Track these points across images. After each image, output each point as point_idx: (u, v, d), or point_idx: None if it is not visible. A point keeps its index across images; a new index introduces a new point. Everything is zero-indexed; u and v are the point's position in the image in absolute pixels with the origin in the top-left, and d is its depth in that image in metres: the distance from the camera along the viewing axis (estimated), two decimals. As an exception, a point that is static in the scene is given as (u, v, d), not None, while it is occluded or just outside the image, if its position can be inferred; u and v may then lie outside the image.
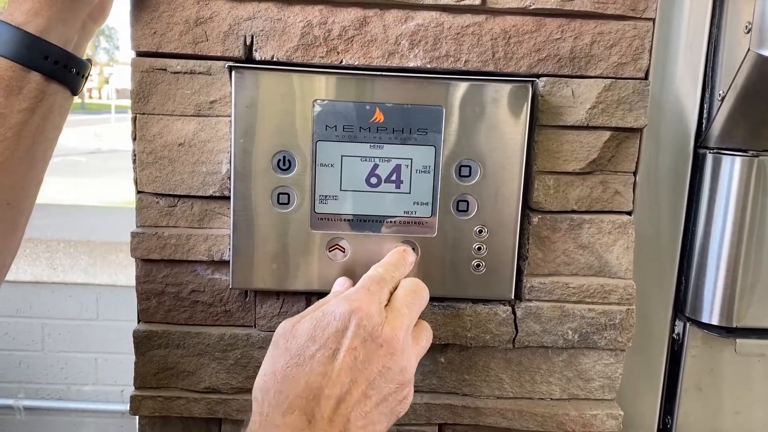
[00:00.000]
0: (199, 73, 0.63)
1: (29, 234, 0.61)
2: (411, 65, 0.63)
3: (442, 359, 0.69)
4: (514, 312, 0.67)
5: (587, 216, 0.67)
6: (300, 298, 0.67)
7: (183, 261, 0.66)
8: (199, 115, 0.64)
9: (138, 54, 0.63)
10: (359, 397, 0.49)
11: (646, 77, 0.64)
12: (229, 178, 0.64)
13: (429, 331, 0.58)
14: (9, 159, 0.55)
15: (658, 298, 0.75)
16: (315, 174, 0.62)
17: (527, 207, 0.66)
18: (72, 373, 2.17)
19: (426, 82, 0.61)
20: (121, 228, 2.25)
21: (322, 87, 0.61)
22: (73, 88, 0.59)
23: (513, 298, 0.66)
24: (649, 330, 0.75)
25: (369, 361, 0.50)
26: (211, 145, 0.64)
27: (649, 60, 0.64)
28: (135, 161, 0.65)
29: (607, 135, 0.65)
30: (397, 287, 0.56)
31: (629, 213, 0.67)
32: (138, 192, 0.66)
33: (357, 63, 0.63)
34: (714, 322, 0.72)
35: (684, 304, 0.74)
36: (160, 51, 0.63)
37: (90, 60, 0.61)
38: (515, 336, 0.67)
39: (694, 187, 0.72)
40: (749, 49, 0.63)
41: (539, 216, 0.66)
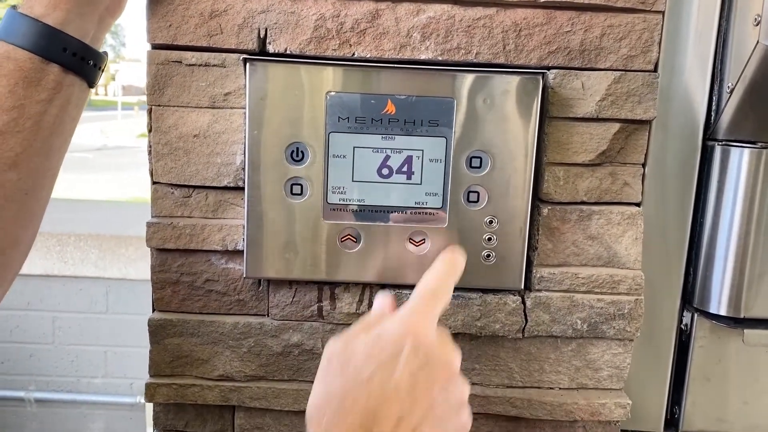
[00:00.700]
0: (214, 66, 0.64)
1: (40, 228, 0.62)
2: (422, 57, 0.64)
3: (452, 348, 0.70)
4: (523, 302, 0.68)
5: (596, 207, 0.67)
6: (312, 287, 0.68)
7: (197, 251, 0.67)
8: (214, 107, 0.65)
9: (153, 46, 0.64)
10: (420, 420, 0.47)
11: (655, 69, 0.65)
12: (243, 169, 0.65)
13: None
14: (27, 149, 0.56)
15: (666, 288, 0.75)
16: (327, 165, 0.63)
17: (537, 198, 0.67)
18: (82, 366, 2.19)
19: (437, 74, 0.62)
20: (131, 222, 2.27)
21: (334, 79, 0.62)
22: (90, 80, 0.60)
23: (522, 288, 0.67)
24: (658, 320, 0.76)
25: (429, 383, 0.48)
26: (226, 137, 0.65)
27: (659, 52, 0.64)
28: (150, 152, 0.66)
29: (617, 127, 0.65)
30: None
31: (638, 204, 0.68)
32: (153, 182, 0.67)
33: (369, 55, 0.64)
34: (722, 312, 0.72)
35: (692, 294, 0.75)
36: (175, 43, 0.64)
37: (106, 53, 0.62)
38: (525, 326, 0.68)
39: (702, 179, 0.73)
40: (758, 42, 0.63)
41: (549, 207, 0.67)
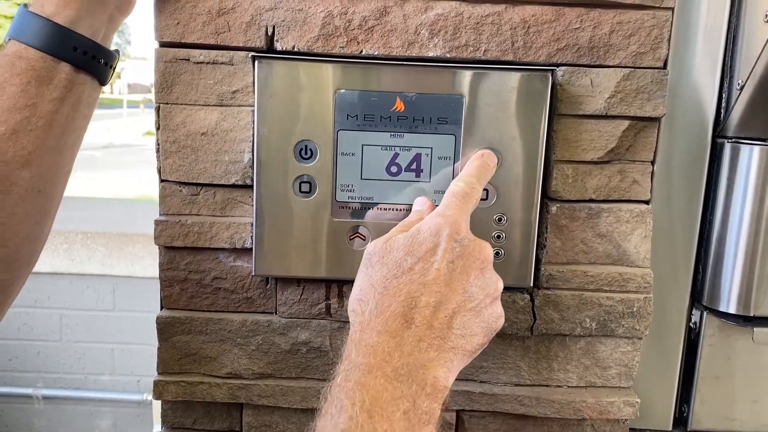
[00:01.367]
0: (222, 63, 0.64)
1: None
2: (430, 55, 0.64)
3: (460, 346, 0.70)
4: (532, 300, 0.67)
5: (605, 205, 0.67)
6: (320, 285, 0.68)
7: (205, 248, 0.67)
8: (222, 105, 0.65)
9: (161, 44, 0.64)
10: (457, 306, 0.50)
11: (664, 66, 0.64)
12: (251, 166, 0.65)
13: None
14: (40, 147, 0.56)
15: (675, 286, 0.75)
16: (336, 163, 0.63)
17: (546, 196, 0.67)
18: (89, 363, 2.20)
19: (446, 71, 0.62)
20: (137, 220, 2.28)
21: (344, 77, 0.62)
22: (101, 78, 0.60)
23: (531, 286, 0.67)
24: (667, 318, 0.76)
25: (465, 272, 0.51)
26: (234, 135, 0.65)
27: (668, 49, 0.64)
28: (158, 150, 0.66)
29: (626, 124, 0.65)
30: None
31: (647, 202, 0.68)
32: (161, 180, 0.67)
33: (377, 53, 0.63)
34: (731, 310, 0.72)
35: (701, 292, 0.74)
36: (183, 41, 0.64)
37: (117, 51, 0.62)
38: (533, 324, 0.68)
39: (712, 177, 0.72)
40: (769, 38, 0.63)
41: (558, 205, 0.67)
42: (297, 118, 0.62)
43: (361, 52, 0.63)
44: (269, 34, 0.63)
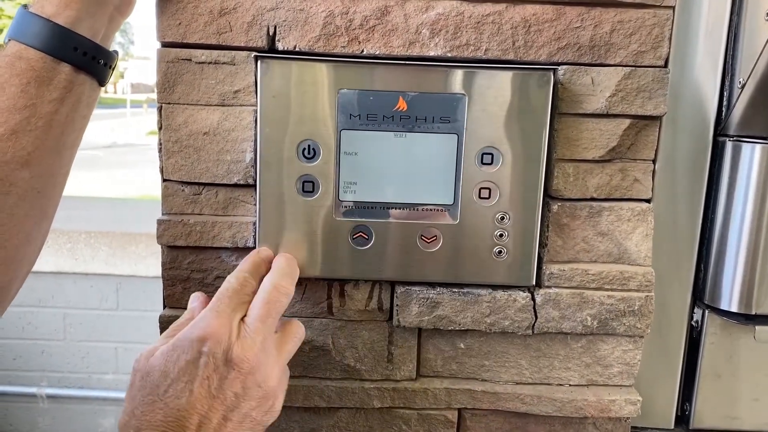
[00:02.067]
0: (224, 63, 0.64)
1: (51, 225, 0.62)
2: (431, 54, 0.64)
3: (461, 345, 0.70)
4: (533, 298, 0.68)
5: (606, 203, 0.67)
6: (322, 284, 0.68)
7: (208, 248, 0.67)
8: (224, 105, 0.65)
9: (163, 44, 0.65)
10: (219, 422, 0.50)
11: (665, 65, 0.65)
12: (253, 166, 0.65)
13: (298, 329, 0.59)
14: (39, 148, 0.56)
15: (677, 285, 0.75)
16: (339, 162, 0.63)
17: (547, 194, 0.67)
18: (93, 362, 2.21)
19: (449, 70, 0.62)
20: (141, 219, 2.28)
21: (346, 76, 0.62)
22: (101, 79, 0.60)
23: (533, 284, 0.67)
24: (668, 317, 0.76)
25: (222, 387, 0.51)
26: (235, 134, 0.65)
27: (669, 48, 0.64)
28: (161, 150, 0.66)
29: (627, 123, 0.65)
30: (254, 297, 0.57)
31: (648, 200, 0.68)
32: (164, 180, 0.67)
33: (378, 52, 0.64)
34: (733, 309, 0.72)
35: (703, 291, 0.74)
36: (185, 41, 0.64)
37: (117, 52, 0.62)
38: (534, 322, 0.68)
39: (713, 175, 0.73)
40: (770, 37, 0.63)
41: (559, 203, 0.67)
42: (299, 117, 0.62)
43: (363, 51, 0.64)
44: (271, 34, 0.63)
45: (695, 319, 0.76)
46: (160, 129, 0.66)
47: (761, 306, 0.71)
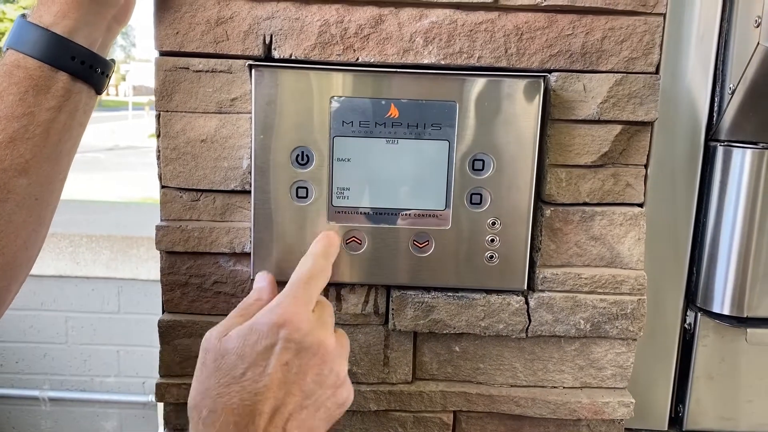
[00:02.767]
0: (220, 72, 0.65)
1: (53, 229, 0.63)
2: (425, 62, 0.65)
3: (456, 348, 0.71)
4: (527, 302, 0.68)
5: (599, 208, 0.68)
6: (318, 288, 0.69)
7: (206, 253, 0.68)
8: (221, 112, 0.66)
9: (161, 53, 0.66)
10: (294, 408, 0.50)
11: (656, 71, 0.65)
12: (250, 172, 0.66)
13: (346, 337, 0.58)
14: (37, 155, 0.57)
15: (669, 288, 0.76)
16: (332, 168, 0.64)
17: (540, 199, 0.68)
18: (95, 365, 2.22)
19: (440, 78, 0.63)
20: (142, 223, 2.29)
21: (338, 84, 0.63)
22: (98, 87, 0.61)
23: (526, 288, 0.68)
24: (661, 320, 0.77)
25: (302, 372, 0.50)
26: (233, 141, 0.66)
27: (660, 54, 0.65)
28: (159, 157, 0.67)
29: (618, 129, 0.66)
30: None
31: (641, 205, 0.68)
32: (162, 187, 0.68)
33: (373, 60, 0.65)
34: (725, 311, 0.73)
35: (695, 294, 0.75)
36: (182, 50, 0.65)
37: (114, 60, 0.63)
38: (528, 325, 0.69)
39: (705, 180, 0.73)
40: (759, 43, 0.64)
41: (552, 208, 0.68)
42: (293, 124, 0.63)
43: (357, 59, 0.65)
44: (267, 42, 0.64)
45: (688, 322, 0.77)
46: (158, 136, 0.67)
47: (753, 309, 0.72)
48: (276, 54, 0.64)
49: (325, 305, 0.56)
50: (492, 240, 0.66)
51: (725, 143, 0.71)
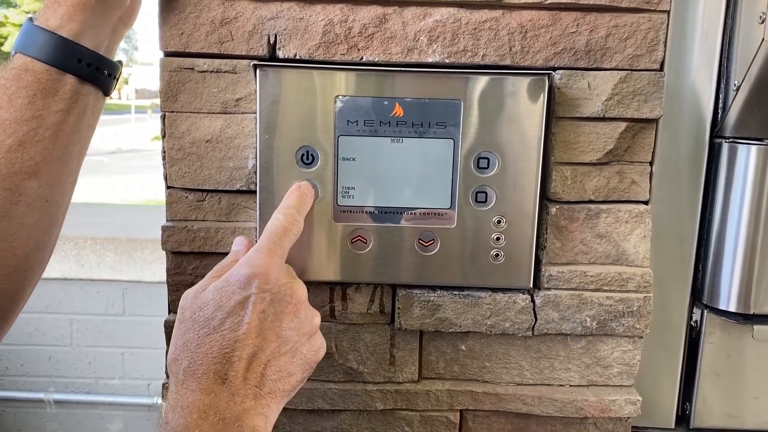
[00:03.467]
0: (225, 72, 0.65)
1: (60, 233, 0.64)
2: (430, 60, 0.65)
3: (462, 347, 0.71)
4: (533, 300, 0.68)
5: (604, 206, 0.68)
6: (324, 287, 0.69)
7: (212, 253, 0.68)
8: (226, 113, 0.66)
9: (166, 54, 0.66)
10: (271, 353, 0.52)
11: (661, 69, 0.65)
12: (255, 172, 0.66)
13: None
14: (47, 158, 0.57)
15: (675, 285, 0.76)
16: (337, 168, 0.64)
17: (545, 197, 0.68)
18: (100, 368, 2.22)
19: (444, 76, 0.63)
20: (146, 225, 2.30)
21: (343, 83, 0.63)
22: (105, 89, 0.62)
23: (532, 286, 0.68)
24: (667, 317, 0.77)
25: (278, 320, 0.52)
26: (238, 141, 0.66)
27: (664, 51, 0.65)
28: (164, 158, 0.67)
29: (623, 126, 0.66)
30: None
31: (646, 202, 0.68)
32: (168, 187, 0.68)
33: (377, 59, 0.65)
34: (731, 309, 0.73)
35: (701, 291, 0.75)
36: (187, 51, 0.65)
37: (120, 62, 0.63)
38: (534, 324, 0.69)
39: (710, 176, 0.73)
40: (763, 39, 0.64)
41: (557, 206, 0.68)
42: (298, 124, 0.64)
43: (362, 58, 0.65)
44: (271, 42, 0.64)
45: (694, 319, 0.76)
46: (163, 137, 0.67)
47: (759, 305, 0.72)
48: (281, 54, 0.65)
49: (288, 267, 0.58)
50: (497, 238, 0.66)
51: (730, 140, 0.71)
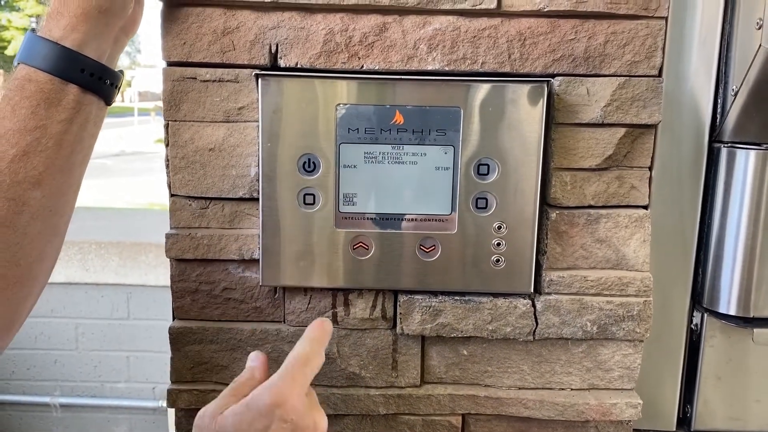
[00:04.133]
0: (227, 81, 0.66)
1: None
2: (429, 68, 0.65)
3: (464, 352, 0.71)
4: (533, 305, 0.69)
5: (604, 211, 0.68)
6: (327, 293, 0.70)
7: (215, 260, 0.69)
8: (228, 121, 0.67)
9: (169, 63, 0.67)
10: None
11: (659, 74, 0.66)
12: (258, 180, 0.67)
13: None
14: (50, 167, 0.58)
15: (676, 289, 0.76)
16: (339, 175, 0.65)
17: (545, 203, 0.68)
18: (105, 371, 2.23)
19: (444, 84, 0.64)
20: (150, 229, 2.30)
21: (344, 91, 0.64)
22: (108, 98, 0.62)
23: (532, 291, 0.68)
24: (668, 321, 0.77)
25: None
26: (240, 150, 0.67)
27: (663, 58, 0.65)
28: (168, 166, 0.68)
29: (622, 132, 0.66)
30: None
31: (646, 207, 0.69)
32: (171, 195, 0.69)
33: (377, 67, 0.65)
34: (731, 312, 0.73)
35: (701, 295, 0.75)
36: (189, 60, 0.66)
37: (122, 71, 0.64)
38: (535, 328, 0.69)
39: (709, 181, 0.74)
40: (761, 45, 0.64)
41: (557, 211, 0.68)
42: (300, 132, 0.64)
43: (362, 67, 0.65)
44: (273, 51, 0.65)
45: (695, 323, 0.77)
46: (167, 145, 0.68)
47: (759, 309, 0.72)
48: (282, 63, 0.65)
49: (313, 391, 0.57)
50: (498, 244, 0.66)
51: (729, 144, 0.72)
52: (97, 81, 0.60)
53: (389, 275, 0.67)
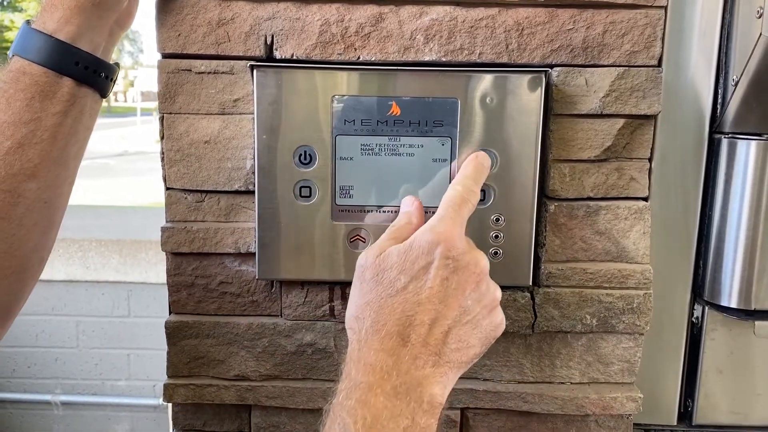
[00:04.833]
0: (223, 73, 0.66)
1: (62, 234, 0.64)
2: (426, 59, 0.65)
3: (463, 345, 0.71)
4: (532, 298, 0.68)
5: (603, 202, 0.68)
6: (323, 287, 0.69)
7: (211, 254, 0.68)
8: (224, 113, 0.66)
9: (164, 56, 0.66)
10: (453, 321, 0.52)
11: (659, 65, 0.65)
12: (254, 173, 0.66)
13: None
14: (45, 159, 0.58)
15: (676, 282, 0.76)
16: (335, 167, 0.64)
17: (544, 195, 0.68)
18: (106, 369, 2.23)
19: (441, 75, 0.63)
20: (150, 226, 2.31)
21: (340, 83, 0.63)
22: (102, 91, 0.62)
23: (531, 284, 0.68)
24: (669, 314, 0.76)
25: (460, 288, 0.52)
26: (236, 142, 0.67)
27: (662, 47, 0.65)
28: (163, 159, 0.68)
29: (621, 122, 0.66)
30: None
31: (645, 199, 0.68)
32: (167, 188, 0.68)
33: (374, 59, 0.65)
34: (732, 305, 0.72)
35: (702, 287, 0.75)
36: (184, 52, 0.65)
37: (117, 64, 0.64)
38: (534, 321, 0.69)
39: (710, 172, 0.73)
40: (761, 34, 0.63)
41: (556, 203, 0.67)
42: (296, 124, 0.64)
43: (359, 58, 0.65)
44: (268, 43, 0.65)
45: (695, 316, 0.76)
46: (162, 138, 0.67)
47: (760, 301, 0.72)
48: (277, 54, 0.65)
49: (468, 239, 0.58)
50: (496, 236, 0.66)
51: (729, 135, 0.71)
52: (92, 74, 0.60)
53: (387, 268, 0.66)
